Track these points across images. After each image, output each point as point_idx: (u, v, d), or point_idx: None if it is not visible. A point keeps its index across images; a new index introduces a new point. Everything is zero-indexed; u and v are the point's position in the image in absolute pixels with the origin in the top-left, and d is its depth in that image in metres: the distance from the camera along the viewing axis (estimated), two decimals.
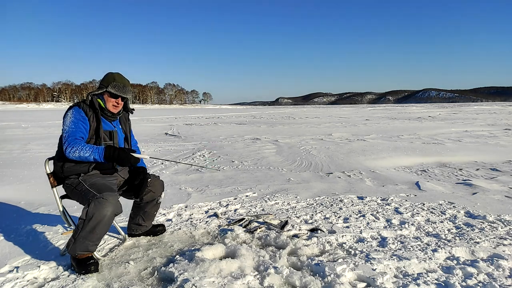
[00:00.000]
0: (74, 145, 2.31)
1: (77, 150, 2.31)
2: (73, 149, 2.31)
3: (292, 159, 7.19)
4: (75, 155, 2.31)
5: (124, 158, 2.37)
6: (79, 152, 2.31)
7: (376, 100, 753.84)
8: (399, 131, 13.55)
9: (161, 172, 5.78)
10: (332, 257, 2.47)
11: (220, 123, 21.34)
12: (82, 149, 2.31)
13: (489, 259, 2.40)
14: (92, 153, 2.32)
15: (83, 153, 2.31)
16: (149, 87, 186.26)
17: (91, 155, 2.32)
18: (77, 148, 2.31)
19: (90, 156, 2.32)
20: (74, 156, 2.32)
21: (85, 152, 2.31)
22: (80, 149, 2.31)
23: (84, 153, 2.31)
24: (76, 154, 2.31)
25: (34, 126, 18.33)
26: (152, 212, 2.91)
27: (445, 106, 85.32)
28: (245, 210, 3.67)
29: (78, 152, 2.31)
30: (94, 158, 2.33)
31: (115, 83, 2.50)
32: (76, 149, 2.30)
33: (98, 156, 2.33)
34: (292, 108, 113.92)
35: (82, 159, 2.34)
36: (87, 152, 2.32)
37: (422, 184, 4.75)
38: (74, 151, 2.31)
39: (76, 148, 2.31)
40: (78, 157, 2.32)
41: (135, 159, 2.43)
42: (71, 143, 2.32)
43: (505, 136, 11.14)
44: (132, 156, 2.41)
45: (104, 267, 2.39)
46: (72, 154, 2.31)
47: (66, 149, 2.32)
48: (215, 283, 2.07)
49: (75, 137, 2.35)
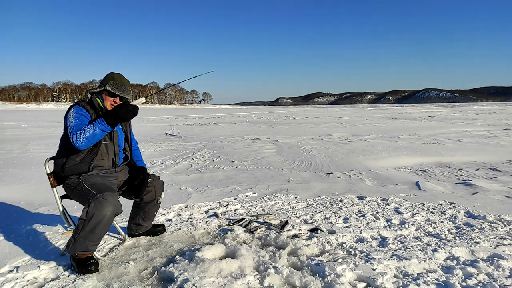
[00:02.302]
0: (78, 131, 2.28)
1: (82, 134, 2.27)
2: (78, 135, 2.27)
3: (292, 159, 7.19)
4: (83, 139, 2.27)
5: (125, 112, 2.33)
6: (84, 134, 2.27)
7: (376, 100, 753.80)
8: (399, 131, 13.55)
9: (161, 172, 5.78)
10: (332, 257, 2.47)
11: (220, 123, 21.34)
12: (85, 129, 2.28)
13: (489, 259, 2.40)
14: (95, 127, 2.28)
15: (88, 132, 2.27)
16: (149, 87, 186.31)
17: (96, 129, 2.28)
18: (81, 132, 2.27)
19: (96, 130, 2.28)
20: (82, 140, 2.27)
21: (89, 130, 2.27)
22: (83, 131, 2.27)
23: (89, 131, 2.27)
24: (83, 137, 2.27)
25: (34, 126, 18.33)
26: (152, 212, 2.91)
27: (445, 106, 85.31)
28: (245, 210, 3.67)
29: (84, 134, 2.27)
30: (100, 129, 2.29)
31: (114, 82, 2.50)
32: (80, 133, 2.27)
33: (102, 126, 2.30)
34: (292, 108, 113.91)
35: (90, 138, 2.28)
36: (90, 129, 2.28)
37: (422, 184, 4.75)
38: (80, 136, 2.26)
39: (79, 133, 2.27)
40: (86, 139, 2.27)
41: (133, 108, 2.38)
42: (75, 132, 2.29)
43: (505, 136, 11.14)
44: (130, 105, 2.37)
45: (104, 267, 2.39)
46: (80, 139, 2.26)
47: (73, 138, 2.28)
48: (215, 283, 2.07)
49: (79, 127, 2.32)
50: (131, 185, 2.69)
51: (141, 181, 2.66)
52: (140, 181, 2.65)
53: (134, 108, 2.38)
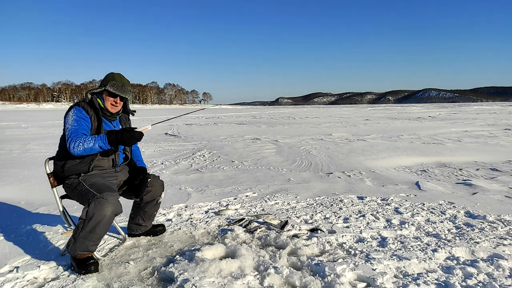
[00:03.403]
0: (77, 140, 2.28)
1: (81, 143, 2.27)
2: (77, 143, 2.27)
3: (292, 159, 7.19)
4: (80, 149, 2.27)
5: (129, 137, 2.33)
6: (83, 145, 2.27)
7: (376, 100, 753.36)
8: (399, 131, 13.55)
9: (161, 172, 5.78)
10: (332, 257, 2.47)
11: (220, 123, 21.34)
12: (85, 140, 2.28)
13: (489, 259, 2.40)
14: (95, 142, 2.28)
15: (87, 144, 2.27)
16: (149, 87, 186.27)
17: (96, 144, 2.28)
18: (80, 141, 2.28)
19: (95, 145, 2.28)
20: (79, 149, 2.27)
21: (89, 143, 2.28)
22: (83, 142, 2.27)
23: (88, 144, 2.28)
24: (81, 148, 2.27)
25: (34, 126, 18.33)
26: (152, 212, 2.91)
27: (445, 106, 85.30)
28: (245, 210, 3.67)
29: (82, 145, 2.27)
30: (99, 146, 2.29)
31: (114, 82, 2.50)
32: (79, 143, 2.27)
33: (102, 143, 2.29)
34: (292, 108, 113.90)
35: (87, 150, 2.29)
36: (90, 142, 2.28)
37: (422, 184, 4.75)
38: (78, 145, 2.27)
39: (79, 141, 2.27)
40: (83, 150, 2.28)
41: (139, 134, 2.39)
42: (73, 138, 2.29)
43: (505, 136, 11.14)
44: (136, 132, 2.37)
45: (104, 267, 2.39)
46: (77, 148, 2.27)
47: (70, 145, 2.29)
48: (215, 283, 2.07)
49: (77, 133, 2.33)
50: (131, 185, 2.69)
51: (141, 181, 2.65)
52: (140, 181, 2.65)
53: (140, 134, 2.39)
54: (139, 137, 2.39)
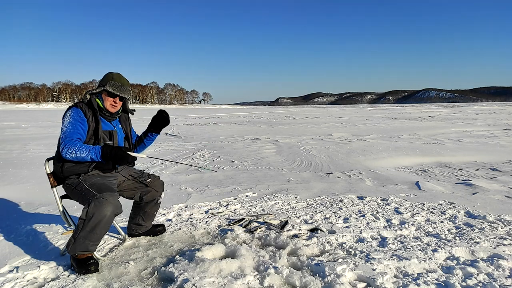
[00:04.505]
0: (71, 146, 2.30)
1: (74, 151, 2.29)
2: (70, 150, 2.29)
3: (292, 159, 7.19)
4: (72, 156, 2.30)
5: (121, 157, 2.34)
6: (76, 153, 2.29)
7: (376, 100, 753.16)
8: (399, 131, 13.56)
9: (161, 172, 5.78)
10: (332, 257, 2.47)
11: (220, 123, 21.34)
12: (79, 149, 2.30)
13: (489, 259, 2.40)
14: (89, 153, 2.30)
15: (80, 153, 2.29)
16: (149, 87, 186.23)
17: (88, 155, 2.30)
18: (74, 148, 2.29)
19: (87, 156, 2.30)
20: (71, 157, 2.30)
21: (82, 153, 2.29)
22: (76, 150, 2.29)
23: (81, 153, 2.29)
24: (73, 155, 2.29)
25: (34, 126, 18.33)
26: (152, 212, 2.91)
27: (445, 106, 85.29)
28: (245, 210, 3.67)
29: (75, 153, 2.29)
30: (91, 157, 2.31)
31: (113, 82, 2.50)
32: (72, 150, 2.29)
33: (95, 156, 2.31)
34: (292, 108, 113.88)
35: (79, 159, 2.32)
36: (83, 152, 2.30)
37: (422, 184, 4.75)
38: (71, 152, 2.29)
39: (72, 148, 2.29)
40: (75, 157, 2.30)
41: (132, 158, 2.41)
42: (67, 144, 2.31)
43: (505, 136, 11.14)
44: (129, 155, 2.38)
45: (104, 267, 2.39)
46: (69, 155, 2.29)
47: (63, 150, 2.31)
48: (215, 283, 2.07)
49: (71, 138, 2.33)
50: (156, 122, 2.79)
51: (165, 118, 2.76)
52: (164, 118, 2.76)
53: (132, 158, 2.43)
54: (131, 161, 2.42)
